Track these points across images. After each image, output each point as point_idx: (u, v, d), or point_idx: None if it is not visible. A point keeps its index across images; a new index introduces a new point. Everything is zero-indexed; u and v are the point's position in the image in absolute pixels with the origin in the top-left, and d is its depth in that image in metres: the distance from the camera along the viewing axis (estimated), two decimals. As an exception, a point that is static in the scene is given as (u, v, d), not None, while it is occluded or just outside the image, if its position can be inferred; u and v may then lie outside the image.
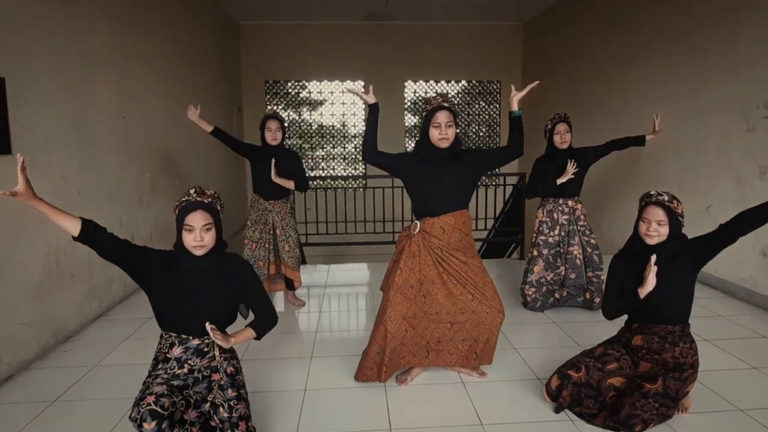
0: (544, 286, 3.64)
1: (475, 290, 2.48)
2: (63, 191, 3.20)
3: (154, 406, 1.69)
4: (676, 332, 2.12)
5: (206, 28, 6.49)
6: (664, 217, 2.08)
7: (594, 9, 6.18)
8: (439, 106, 2.38)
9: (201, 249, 1.89)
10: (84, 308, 3.43)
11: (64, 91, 3.25)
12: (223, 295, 1.96)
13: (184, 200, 1.91)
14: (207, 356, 1.95)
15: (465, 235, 2.50)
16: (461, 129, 8.95)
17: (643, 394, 2.07)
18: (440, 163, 2.42)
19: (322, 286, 4.51)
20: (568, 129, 3.50)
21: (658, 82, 4.93)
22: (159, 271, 1.91)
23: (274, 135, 3.54)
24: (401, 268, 2.46)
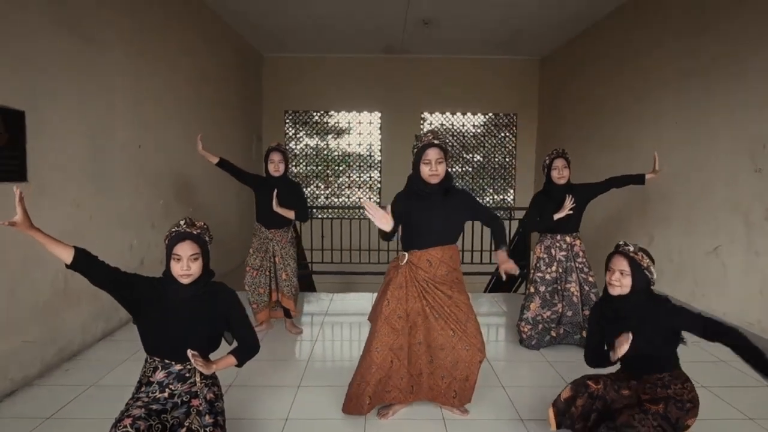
0: (540, 323, 3.62)
1: (456, 326, 2.50)
2: (75, 216, 3.39)
3: (129, 428, 1.77)
4: (665, 378, 2.11)
5: (229, 60, 6.80)
6: (626, 267, 2.06)
7: (607, 47, 6.23)
8: (429, 143, 2.44)
9: (187, 278, 1.98)
10: (90, 328, 3.57)
11: (81, 123, 3.47)
12: (207, 322, 2.04)
13: (173, 231, 2.00)
14: (188, 381, 2.02)
15: (452, 270, 2.52)
16: (481, 159, 9.01)
17: (644, 410, 2.04)
18: (430, 198, 2.48)
19: (323, 314, 4.57)
20: (565, 165, 3.54)
21: (669, 121, 4.91)
22: (146, 298, 2.00)
23: (277, 166, 3.68)
24: (388, 299, 2.49)
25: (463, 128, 8.96)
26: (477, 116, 8.93)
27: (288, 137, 8.86)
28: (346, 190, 9.12)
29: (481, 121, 8.96)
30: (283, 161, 3.70)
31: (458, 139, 8.98)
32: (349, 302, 5.00)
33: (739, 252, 3.94)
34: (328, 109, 8.83)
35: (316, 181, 9.09)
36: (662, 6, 5.04)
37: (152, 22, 4.50)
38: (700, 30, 4.46)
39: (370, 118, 8.93)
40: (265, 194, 3.68)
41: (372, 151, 9.03)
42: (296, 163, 8.93)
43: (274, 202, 3.61)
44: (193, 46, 5.45)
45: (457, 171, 9.05)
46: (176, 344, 1.99)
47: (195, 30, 5.54)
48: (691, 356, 3.47)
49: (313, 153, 9.00)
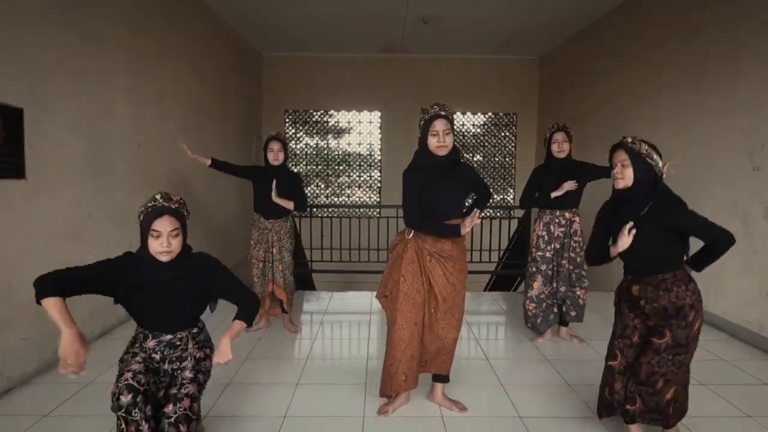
0: (543, 301, 3.63)
1: (442, 305, 2.57)
2: (73, 214, 3.38)
3: (131, 381, 1.85)
4: (668, 279, 2.08)
5: (229, 59, 6.81)
6: (625, 157, 2.10)
7: (604, 46, 6.23)
8: (436, 115, 2.40)
9: (167, 255, 1.90)
10: (88, 326, 3.56)
11: (80, 120, 3.47)
12: (192, 295, 2.01)
13: (150, 205, 1.91)
14: (179, 348, 2.05)
15: (458, 243, 2.53)
16: (481, 159, 9.01)
17: (655, 350, 2.07)
18: (438, 171, 2.44)
19: (322, 313, 4.57)
20: (566, 138, 3.50)
21: (666, 118, 4.91)
22: (122, 279, 1.92)
23: (276, 155, 3.65)
24: (404, 275, 2.48)
25: (463, 128, 8.96)
26: (477, 116, 8.93)
27: (288, 137, 8.86)
28: (347, 190, 9.12)
29: (481, 121, 8.96)
30: (282, 150, 3.67)
31: (458, 139, 8.98)
32: (349, 301, 4.99)
33: (737, 251, 3.91)
34: (328, 108, 8.83)
35: (316, 181, 9.09)
36: (660, 6, 5.03)
37: (152, 21, 4.50)
38: (698, 30, 4.45)
39: (370, 118, 8.93)
40: (264, 184, 3.65)
41: (372, 151, 9.03)
42: (296, 163, 8.93)
43: (273, 192, 3.59)
44: (192, 45, 5.45)
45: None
46: (163, 319, 2.01)
47: (195, 29, 5.54)
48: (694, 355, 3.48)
49: (313, 152, 8.99)
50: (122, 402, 1.80)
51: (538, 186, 3.55)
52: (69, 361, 1.83)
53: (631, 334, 2.23)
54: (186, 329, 2.05)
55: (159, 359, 2.03)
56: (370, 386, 2.89)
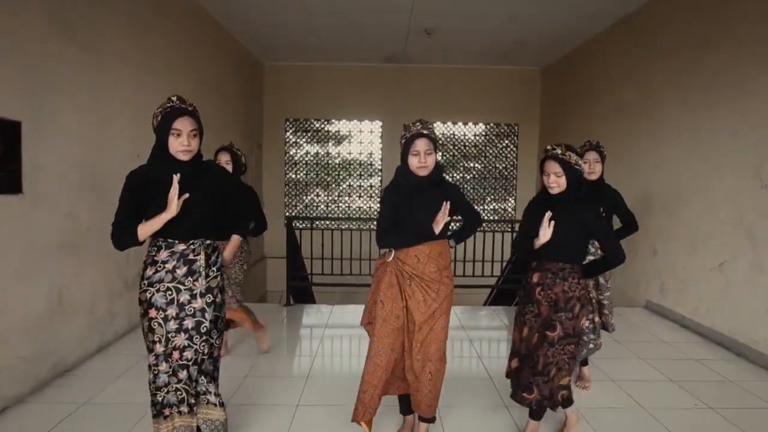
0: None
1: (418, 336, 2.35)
2: (71, 228, 3.33)
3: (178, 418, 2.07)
4: (566, 269, 2.35)
5: (230, 68, 6.77)
6: (559, 168, 2.30)
7: (607, 59, 6.22)
8: (417, 134, 2.27)
9: (188, 154, 1.99)
10: (85, 342, 3.50)
11: (79, 133, 3.42)
12: (208, 200, 2.08)
13: (168, 106, 2.00)
14: (193, 265, 2.04)
15: (442, 267, 2.35)
16: (481, 167, 8.97)
17: (550, 342, 2.33)
18: (419, 192, 2.32)
19: (322, 327, 4.51)
20: (598, 158, 3.15)
21: (671, 133, 4.88)
22: (148, 191, 2.00)
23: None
24: (382, 301, 2.33)
25: (465, 137, 8.93)
26: (478, 126, 8.91)
27: (288, 145, 8.83)
28: (346, 198, 9.08)
29: (482, 131, 8.94)
30: (230, 163, 3.32)
31: (459, 148, 8.95)
32: (349, 314, 4.93)
33: (744, 268, 3.89)
34: (329, 117, 8.79)
35: (316, 189, 9.04)
36: (664, 20, 5.01)
37: (152, 31, 4.46)
38: (702, 45, 4.43)
39: (370, 127, 8.90)
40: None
41: (372, 160, 8.99)
42: (296, 171, 8.90)
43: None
44: (193, 54, 5.42)
45: (457, 179, 9.01)
46: (176, 223, 1.99)
47: (195, 38, 5.50)
48: (695, 375, 3.43)
49: (313, 161, 8.96)
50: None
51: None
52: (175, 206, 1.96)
53: (534, 318, 2.41)
54: (199, 238, 2.07)
55: (169, 285, 2.02)
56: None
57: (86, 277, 3.49)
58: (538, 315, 2.38)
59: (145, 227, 1.98)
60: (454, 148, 8.94)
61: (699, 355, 3.86)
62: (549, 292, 2.35)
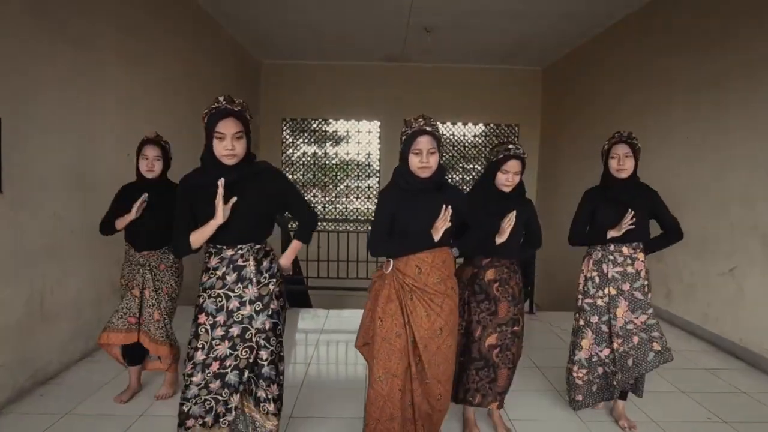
0: (599, 365, 2.71)
1: (423, 358, 2.13)
2: (55, 230, 3.17)
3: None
4: (514, 263, 2.49)
5: (226, 66, 6.62)
6: (520, 168, 2.39)
7: (611, 57, 6.08)
8: (420, 130, 2.06)
9: (232, 158, 1.92)
10: (68, 349, 3.34)
11: (65, 131, 3.26)
12: (255, 204, 2.00)
13: (213, 107, 1.92)
14: (242, 272, 1.99)
15: (446, 277, 2.14)
16: (480, 169, 8.82)
17: (519, 336, 2.47)
18: (420, 194, 2.12)
19: (318, 332, 4.36)
20: (629, 153, 2.59)
21: (679, 134, 4.74)
22: (198, 197, 1.97)
23: (151, 164, 2.70)
24: (380, 317, 2.12)
25: (464, 138, 8.80)
26: (478, 126, 8.77)
27: (286, 145, 8.69)
28: (344, 199, 8.94)
29: (482, 131, 8.80)
30: (160, 158, 2.75)
31: (458, 149, 8.82)
32: (346, 319, 4.78)
33: (756, 274, 3.75)
34: (327, 117, 8.65)
35: (313, 190, 8.90)
36: (670, 17, 4.89)
37: (145, 27, 4.31)
38: (708, 44, 4.30)
39: (369, 127, 8.75)
40: (134, 203, 2.64)
41: (370, 160, 8.85)
42: (294, 171, 8.75)
43: (135, 208, 2.61)
44: (188, 52, 5.27)
45: (457, 180, 8.88)
46: (227, 229, 1.97)
47: (190, 35, 5.35)
48: (706, 386, 3.28)
49: (311, 161, 8.81)
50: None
51: (590, 215, 2.71)
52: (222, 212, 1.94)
53: (473, 330, 2.43)
54: (247, 243, 2.02)
55: (219, 291, 2.00)
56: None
57: (71, 281, 3.34)
58: (495, 313, 2.40)
59: (196, 235, 1.98)
60: (453, 149, 8.81)
61: (709, 364, 3.72)
62: (507, 287, 2.42)
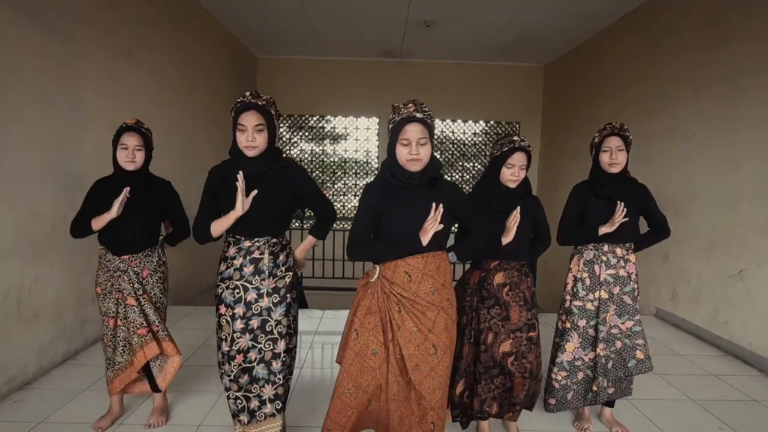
0: (580, 370, 2.54)
1: (414, 374, 1.86)
2: (34, 226, 3.02)
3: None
4: (525, 266, 2.34)
5: (221, 60, 6.46)
6: (526, 161, 2.23)
7: (615, 53, 5.93)
8: (409, 117, 1.80)
9: (253, 150, 1.99)
10: (48, 352, 3.19)
11: (45, 124, 3.11)
12: (277, 198, 2.05)
13: (239, 101, 2.00)
14: (259, 264, 2.04)
15: (440, 286, 1.88)
16: (481, 168, 8.67)
17: (536, 342, 2.28)
18: (410, 190, 1.87)
19: (312, 333, 4.21)
20: (622, 146, 2.41)
21: (685, 132, 4.59)
22: (222, 187, 2.05)
23: (131, 155, 2.37)
24: (357, 329, 1.90)
25: (464, 136, 8.65)
26: (478, 124, 8.62)
27: (282, 142, 8.53)
28: (342, 197, 8.78)
29: (482, 129, 8.65)
30: (142, 147, 2.41)
31: (458, 147, 8.67)
32: (342, 320, 4.62)
33: (767, 277, 3.61)
34: (325, 113, 8.50)
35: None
36: (677, 13, 4.73)
37: (133, 16, 4.15)
38: (717, 39, 4.15)
39: (367, 124, 8.61)
40: (113, 198, 2.32)
41: (369, 158, 8.70)
42: (290, 169, 8.60)
43: (116, 205, 2.30)
44: (180, 44, 5.11)
45: (456, 179, 8.73)
46: (245, 221, 2.02)
47: (183, 27, 5.19)
48: (716, 393, 3.13)
49: (308, 159, 8.66)
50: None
51: (580, 212, 2.54)
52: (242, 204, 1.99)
53: (485, 338, 2.26)
54: (264, 236, 2.06)
55: (237, 282, 2.05)
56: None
57: (51, 280, 3.18)
58: (507, 318, 2.25)
59: (217, 224, 2.04)
60: (453, 146, 8.66)
61: (718, 370, 3.58)
62: (518, 291, 2.28)
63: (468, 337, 2.27)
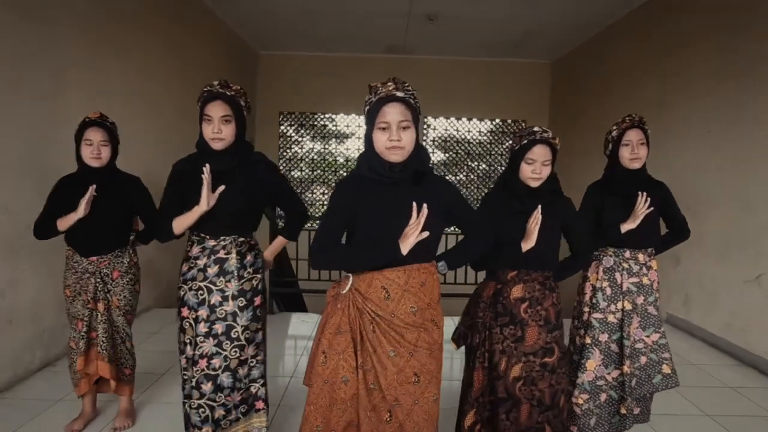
0: (602, 391, 2.27)
1: (396, 408, 1.56)
2: (6, 225, 2.88)
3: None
4: (550, 278, 1.98)
5: (220, 56, 6.30)
6: (550, 156, 1.88)
7: (623, 49, 5.71)
8: (388, 97, 1.51)
9: (219, 142, 1.86)
10: (23, 358, 3.04)
11: (19, 117, 2.97)
12: (243, 195, 1.92)
13: (206, 90, 1.88)
14: (224, 264, 1.91)
15: (425, 307, 1.57)
16: (486, 167, 8.46)
17: (551, 369, 1.91)
18: (391, 187, 1.56)
19: (306, 339, 4.04)
20: (643, 139, 2.22)
21: (699, 128, 4.37)
22: (188, 182, 1.90)
23: (96, 151, 2.23)
24: (325, 351, 1.58)
25: (469, 135, 8.44)
26: (484, 122, 8.41)
27: (284, 139, 8.38)
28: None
29: (488, 128, 8.44)
30: (107, 143, 2.27)
31: (463, 146, 8.47)
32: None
33: (787, 282, 3.38)
34: (327, 111, 8.33)
35: (312, 187, 8.59)
36: (687, 5, 4.51)
37: (119, 5, 3.99)
38: (733, 29, 3.92)
39: (368, 123, 8.43)
40: (79, 196, 2.18)
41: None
42: (291, 167, 8.45)
43: (82, 205, 2.15)
44: (176, 38, 4.96)
45: (462, 179, 8.52)
46: (210, 218, 1.89)
47: (179, 21, 5.04)
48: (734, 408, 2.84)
49: (309, 157, 8.50)
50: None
51: (596, 214, 2.30)
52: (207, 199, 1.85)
53: (498, 362, 1.90)
54: (231, 235, 1.94)
55: (200, 284, 1.91)
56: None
57: (26, 283, 3.03)
58: (521, 339, 1.89)
59: (180, 220, 1.91)
60: (458, 145, 8.45)
61: (735, 381, 3.36)
62: (539, 308, 1.92)
63: (481, 359, 1.93)
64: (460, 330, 2.01)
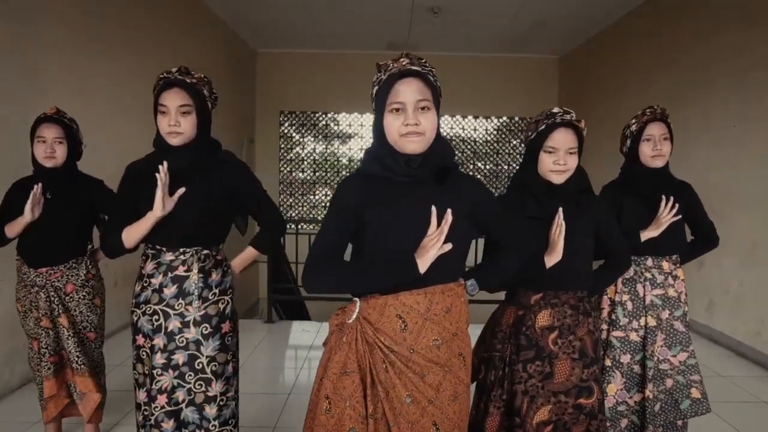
0: (624, 417, 2.04)
1: None
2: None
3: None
4: (585, 299, 1.61)
5: (218, 54, 6.11)
6: (575, 143, 1.56)
7: (639, 42, 5.46)
8: (402, 71, 1.21)
9: (176, 137, 1.58)
10: (3, 374, 2.82)
11: (-5, 114, 2.76)
12: (207, 199, 1.62)
13: (162, 76, 1.59)
14: (184, 284, 1.60)
15: (451, 338, 1.26)
16: (493, 167, 8.22)
17: (589, 413, 1.54)
18: (408, 187, 1.25)
19: (306, 348, 3.82)
20: (666, 134, 1.98)
21: (722, 123, 4.12)
22: (143, 185, 1.60)
23: (50, 149, 2.03)
24: (328, 397, 1.25)
25: (475, 133, 8.22)
26: (490, 120, 8.18)
27: (284, 140, 8.18)
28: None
29: (494, 126, 8.21)
30: (63, 141, 2.05)
31: (469, 146, 8.23)
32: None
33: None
34: (328, 110, 8.13)
35: (312, 188, 8.38)
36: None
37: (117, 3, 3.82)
38: (753, 18, 3.68)
39: (372, 121, 8.21)
40: (25, 199, 1.98)
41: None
42: (292, 168, 8.25)
43: (28, 205, 1.95)
44: (173, 35, 4.78)
45: (467, 180, 8.30)
46: (167, 226, 1.58)
47: (176, 18, 4.85)
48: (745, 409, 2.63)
49: (310, 157, 8.30)
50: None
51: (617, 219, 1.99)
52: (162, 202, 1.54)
53: (517, 402, 1.53)
54: (192, 247, 1.63)
55: (155, 307, 1.60)
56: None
57: (2, 291, 2.82)
58: (550, 376, 1.53)
59: (131, 230, 1.60)
60: (464, 144, 8.22)
61: (767, 395, 3.11)
62: (571, 338, 1.55)
63: (495, 403, 1.55)
64: (473, 362, 1.58)
